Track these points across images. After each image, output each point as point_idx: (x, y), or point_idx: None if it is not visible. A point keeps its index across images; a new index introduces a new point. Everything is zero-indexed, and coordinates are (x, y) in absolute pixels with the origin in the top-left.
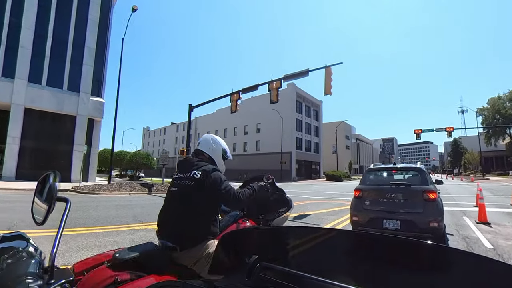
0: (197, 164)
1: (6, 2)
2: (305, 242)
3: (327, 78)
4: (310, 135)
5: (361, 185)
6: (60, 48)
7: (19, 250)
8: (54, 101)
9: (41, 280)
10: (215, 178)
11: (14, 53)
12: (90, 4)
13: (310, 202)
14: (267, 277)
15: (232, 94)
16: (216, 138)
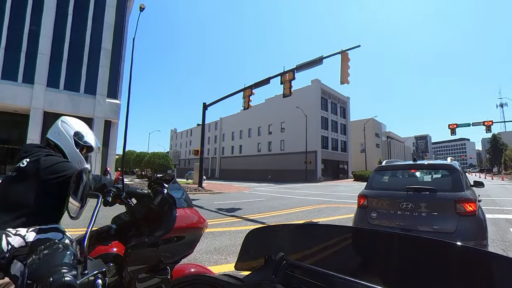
0: (29, 151)
1: (26, 12)
2: (332, 241)
3: (343, 65)
4: (337, 133)
5: (367, 190)
6: (77, 52)
7: (55, 241)
8: (71, 104)
9: (75, 270)
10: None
11: (33, 59)
12: (105, 8)
13: (327, 205)
14: (294, 274)
15: (244, 90)
16: (66, 118)
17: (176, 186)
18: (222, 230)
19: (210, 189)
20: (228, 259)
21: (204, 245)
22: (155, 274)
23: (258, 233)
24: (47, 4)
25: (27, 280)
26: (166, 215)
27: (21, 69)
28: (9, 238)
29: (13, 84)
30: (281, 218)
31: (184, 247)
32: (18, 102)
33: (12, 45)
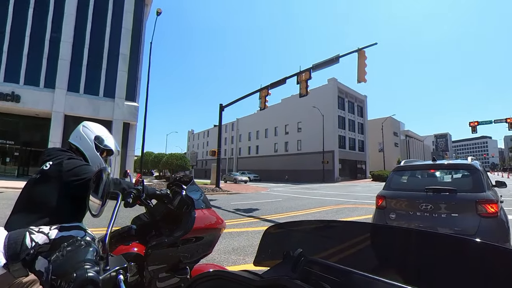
0: (52, 154)
1: (47, 19)
2: (349, 238)
3: (360, 63)
4: (354, 133)
5: (386, 191)
6: (96, 57)
7: (77, 238)
8: (91, 107)
9: (97, 266)
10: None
11: (54, 65)
12: (123, 14)
13: (345, 206)
14: (313, 270)
15: (260, 90)
16: (88, 123)
17: (195, 187)
18: (239, 230)
19: (227, 190)
20: (246, 260)
21: (222, 245)
22: (175, 273)
23: (276, 230)
24: (68, 11)
25: (51, 275)
26: (185, 216)
27: (42, 74)
28: (32, 236)
29: (35, 89)
30: (298, 218)
31: (202, 248)
32: (40, 106)
33: (34, 51)
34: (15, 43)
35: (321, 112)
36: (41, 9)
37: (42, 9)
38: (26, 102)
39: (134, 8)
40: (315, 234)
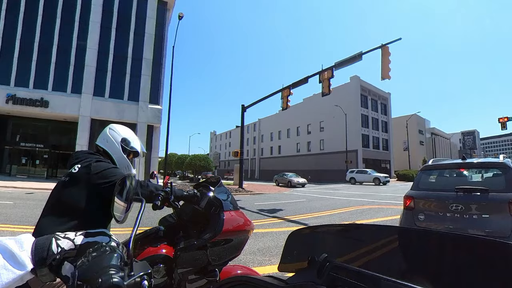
0: (80, 157)
1: (74, 28)
2: (377, 242)
3: (384, 60)
4: (378, 131)
5: (414, 191)
6: (120, 62)
7: (102, 244)
8: (116, 111)
9: (122, 272)
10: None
11: (81, 71)
12: (146, 20)
13: (370, 207)
14: (339, 276)
15: (282, 90)
16: (114, 126)
17: (222, 189)
18: (264, 231)
19: (250, 190)
20: (272, 260)
21: (247, 246)
22: (204, 275)
23: (300, 234)
24: (93, 20)
25: (77, 281)
26: (214, 218)
27: (70, 80)
28: (58, 241)
29: (62, 94)
30: (323, 219)
31: (231, 250)
32: (67, 111)
33: (62, 59)
34: (43, 52)
35: (344, 110)
36: (68, 19)
37: (69, 19)
38: (54, 107)
39: (156, 14)
40: (340, 237)
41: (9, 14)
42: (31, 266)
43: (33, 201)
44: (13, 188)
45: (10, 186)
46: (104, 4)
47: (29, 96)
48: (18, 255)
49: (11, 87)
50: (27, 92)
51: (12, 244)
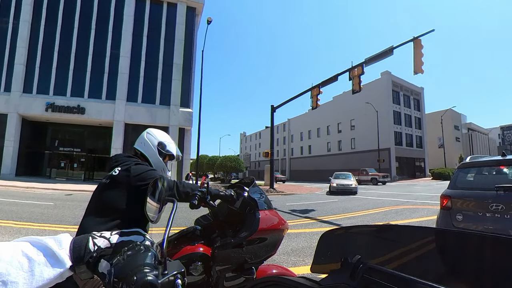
0: (120, 160)
1: (107, 38)
2: (413, 244)
3: (416, 53)
4: (411, 128)
5: (451, 190)
6: (152, 68)
7: (137, 243)
8: (149, 115)
9: (156, 270)
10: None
11: (114, 78)
12: (176, 26)
13: (404, 207)
14: (373, 278)
15: (311, 89)
16: (151, 130)
17: (256, 189)
18: (297, 231)
19: (281, 190)
20: (306, 261)
21: (281, 246)
22: (241, 273)
23: (332, 235)
24: (125, 29)
25: (113, 278)
26: (249, 218)
27: (104, 88)
28: (95, 240)
29: (98, 101)
30: (356, 220)
31: (266, 249)
32: (102, 116)
33: (96, 68)
34: (79, 62)
35: (375, 107)
36: (102, 29)
37: (103, 29)
38: (90, 114)
39: (185, 20)
40: (374, 239)
41: (48, 27)
42: (69, 264)
43: (72, 202)
44: (53, 190)
45: (50, 188)
46: (135, 13)
47: (66, 104)
48: (57, 253)
49: (50, 96)
50: (65, 100)
51: (51, 243)
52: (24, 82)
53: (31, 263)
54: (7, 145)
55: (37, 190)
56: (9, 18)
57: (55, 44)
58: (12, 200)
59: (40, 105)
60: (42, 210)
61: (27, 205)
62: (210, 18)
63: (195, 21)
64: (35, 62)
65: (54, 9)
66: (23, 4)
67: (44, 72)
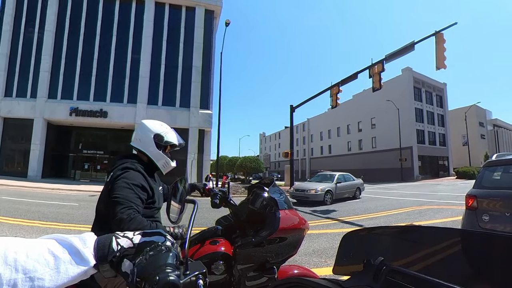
0: (115, 164)
1: (128, 44)
2: (438, 245)
3: (438, 48)
4: (434, 126)
5: (476, 189)
6: (172, 71)
7: (158, 244)
8: (169, 117)
9: (178, 270)
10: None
11: (135, 83)
12: (194, 30)
13: (428, 207)
14: (396, 281)
15: (331, 88)
16: (145, 122)
17: (276, 189)
18: (319, 232)
19: None
20: (328, 262)
21: (303, 246)
22: (262, 273)
23: (355, 236)
24: (145, 34)
25: (136, 277)
26: (270, 217)
27: (126, 92)
28: (118, 240)
29: (119, 105)
30: (378, 220)
31: (287, 248)
32: (124, 119)
33: (118, 73)
34: (101, 67)
35: (396, 105)
36: (123, 35)
37: (123, 35)
38: (112, 117)
39: (204, 23)
40: (397, 240)
41: (71, 36)
42: (93, 262)
43: (95, 202)
44: (77, 191)
45: (75, 190)
46: (155, 18)
47: (89, 108)
48: (82, 252)
49: (74, 100)
50: (88, 105)
51: (76, 242)
52: (49, 88)
53: (57, 261)
54: (34, 148)
55: (62, 191)
56: (35, 28)
57: (78, 51)
58: (38, 201)
59: (65, 110)
60: (67, 211)
61: (53, 205)
62: (228, 20)
63: (213, 24)
64: (59, 69)
65: (77, 18)
66: (48, 15)
67: (68, 79)
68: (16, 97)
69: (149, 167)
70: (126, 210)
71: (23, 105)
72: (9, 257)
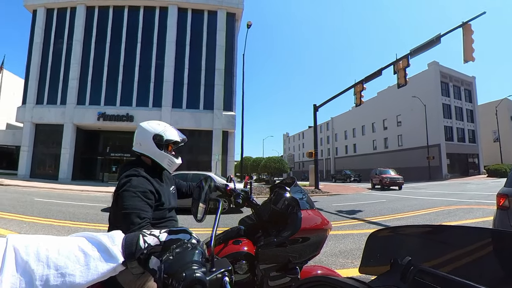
0: (120, 171)
1: (152, 49)
2: (468, 246)
3: (466, 39)
4: (463, 122)
5: (508, 188)
6: (195, 75)
7: (184, 241)
8: (193, 119)
9: (204, 268)
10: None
11: (160, 87)
12: (217, 33)
13: (458, 207)
14: (425, 281)
15: (355, 86)
16: (142, 125)
17: (298, 189)
18: (344, 232)
19: (327, 191)
20: (354, 263)
21: (328, 247)
22: (285, 273)
23: (381, 235)
24: (169, 39)
25: (163, 274)
26: (292, 217)
27: (151, 96)
28: (145, 238)
29: (145, 109)
30: (405, 221)
31: (310, 248)
32: None
33: (143, 78)
34: (127, 73)
35: (423, 101)
36: (147, 42)
37: (148, 42)
38: (138, 121)
39: (226, 25)
40: (425, 240)
41: (98, 44)
42: (122, 259)
43: None
44: (105, 193)
45: (103, 191)
46: (178, 23)
47: (116, 113)
48: (110, 249)
49: (101, 106)
50: (115, 109)
51: (105, 239)
52: (77, 95)
53: (87, 258)
54: (64, 152)
55: (91, 193)
56: (64, 39)
57: (105, 59)
58: (69, 202)
59: (93, 115)
60: (96, 211)
61: (82, 206)
62: (250, 22)
63: (235, 26)
64: (87, 77)
65: (103, 27)
66: (76, 26)
67: (95, 85)
68: (47, 104)
69: (154, 169)
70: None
71: (53, 112)
72: (42, 254)
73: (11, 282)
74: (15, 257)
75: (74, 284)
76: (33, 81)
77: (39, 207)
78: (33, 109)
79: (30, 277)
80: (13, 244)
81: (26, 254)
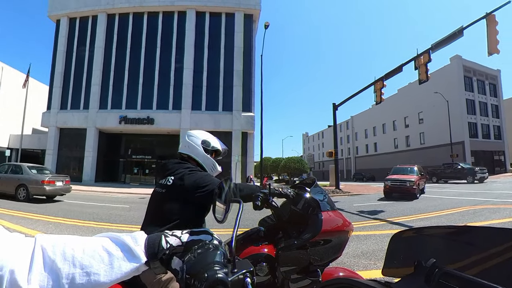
0: (171, 168)
1: (171, 53)
2: (495, 248)
3: (490, 31)
4: (487, 117)
5: None
6: (214, 77)
7: (206, 242)
8: (212, 121)
9: (226, 268)
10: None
11: (179, 90)
12: (234, 35)
13: (484, 207)
14: (450, 284)
15: (374, 83)
16: (192, 132)
17: (318, 189)
18: (366, 233)
19: (348, 191)
20: (377, 265)
21: (350, 248)
22: (306, 275)
23: (404, 236)
24: (187, 43)
25: (186, 274)
26: (312, 219)
27: (171, 99)
28: (167, 238)
29: (165, 112)
30: (429, 221)
31: (331, 250)
32: (170, 125)
33: (163, 81)
34: (147, 77)
35: (445, 97)
36: (166, 46)
37: (167, 46)
38: (158, 123)
39: (243, 27)
40: (450, 241)
41: (118, 50)
42: (145, 259)
43: (145, 205)
44: (128, 194)
45: (125, 192)
46: (196, 27)
47: (137, 116)
48: (133, 249)
49: (122, 110)
50: (136, 113)
51: (128, 240)
52: (100, 100)
53: (111, 257)
54: (87, 155)
55: (113, 194)
56: (86, 46)
57: (126, 64)
58: (92, 203)
59: (114, 119)
60: (119, 212)
61: (105, 207)
62: (267, 22)
63: (252, 27)
64: (108, 82)
65: (124, 33)
66: (97, 33)
67: (116, 90)
68: (71, 109)
69: None
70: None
71: (77, 116)
72: (67, 253)
73: (39, 280)
74: (42, 256)
75: (99, 283)
76: (57, 88)
77: (63, 209)
78: (57, 114)
79: (57, 275)
80: (41, 243)
81: (53, 253)
